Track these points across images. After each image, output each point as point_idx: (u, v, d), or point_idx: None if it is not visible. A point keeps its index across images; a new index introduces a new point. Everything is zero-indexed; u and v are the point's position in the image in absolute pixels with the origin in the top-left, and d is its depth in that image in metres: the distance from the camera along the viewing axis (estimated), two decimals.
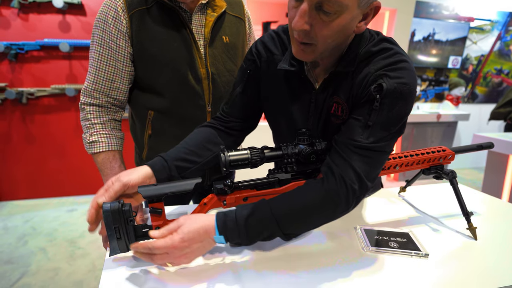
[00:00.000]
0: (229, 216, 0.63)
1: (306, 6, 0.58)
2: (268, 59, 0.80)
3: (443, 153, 0.87)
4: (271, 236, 0.65)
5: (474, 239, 0.80)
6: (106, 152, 0.90)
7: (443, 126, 3.54)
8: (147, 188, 0.64)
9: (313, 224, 0.68)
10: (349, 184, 0.64)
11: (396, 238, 0.77)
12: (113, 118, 0.95)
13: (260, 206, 0.64)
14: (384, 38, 0.70)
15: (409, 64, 0.66)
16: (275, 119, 0.86)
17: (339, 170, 0.65)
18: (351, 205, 0.67)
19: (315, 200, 0.65)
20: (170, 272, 0.64)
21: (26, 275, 1.91)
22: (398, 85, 0.63)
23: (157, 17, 0.90)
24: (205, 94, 0.98)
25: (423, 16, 3.68)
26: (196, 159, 0.78)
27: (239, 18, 1.05)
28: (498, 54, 4.11)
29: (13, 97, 2.60)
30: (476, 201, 1.05)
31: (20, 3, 2.50)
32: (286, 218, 0.64)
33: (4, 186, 2.85)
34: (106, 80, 0.91)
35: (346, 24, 0.61)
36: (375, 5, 0.63)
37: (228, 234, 0.62)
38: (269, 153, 0.69)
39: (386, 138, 0.66)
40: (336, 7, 0.57)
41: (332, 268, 0.66)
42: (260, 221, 0.62)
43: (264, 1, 2.67)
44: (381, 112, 0.64)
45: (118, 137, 0.94)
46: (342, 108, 0.71)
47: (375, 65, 0.67)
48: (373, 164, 0.67)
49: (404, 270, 0.67)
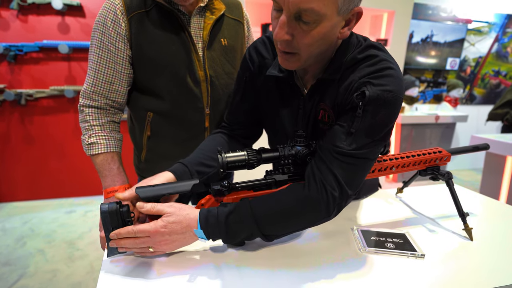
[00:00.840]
0: (211, 212, 0.65)
1: (285, 17, 0.59)
2: (260, 63, 0.81)
3: (439, 154, 0.87)
4: (251, 236, 0.66)
5: (470, 239, 0.80)
6: (104, 154, 0.91)
7: (441, 128, 3.56)
8: (144, 189, 0.64)
9: (293, 228, 0.68)
10: (329, 191, 0.64)
11: (393, 239, 0.77)
12: (112, 120, 0.95)
13: (241, 205, 0.65)
14: (371, 45, 0.70)
15: (395, 71, 0.65)
16: (268, 122, 0.88)
17: (320, 176, 0.65)
18: (332, 212, 0.66)
19: (296, 204, 0.65)
20: (168, 275, 0.64)
21: (24, 276, 1.90)
22: (382, 92, 0.62)
23: (156, 20, 0.91)
24: (204, 97, 0.99)
25: (421, 18, 3.70)
26: (214, 163, 0.81)
27: (237, 21, 1.06)
28: (496, 55, 4.13)
29: (12, 98, 2.60)
30: (473, 203, 1.05)
31: (20, 5, 2.50)
32: (266, 219, 0.64)
33: (3, 187, 2.84)
34: (105, 82, 0.91)
35: (327, 32, 0.61)
36: (357, 10, 0.63)
37: (209, 229, 0.64)
38: (266, 155, 0.70)
39: (369, 145, 0.65)
40: (314, 16, 0.58)
41: (329, 269, 0.67)
42: (240, 220, 0.64)
43: (262, 2, 2.68)
44: (364, 119, 0.63)
45: (116, 139, 0.94)
46: (328, 115, 0.72)
47: (359, 72, 0.66)
48: (355, 171, 0.66)
49: (400, 270, 0.67)
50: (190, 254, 0.71)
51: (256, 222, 0.64)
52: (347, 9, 0.61)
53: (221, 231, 0.64)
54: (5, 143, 2.75)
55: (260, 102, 0.85)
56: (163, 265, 0.66)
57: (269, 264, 0.67)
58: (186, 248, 0.72)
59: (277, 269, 0.66)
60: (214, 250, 0.72)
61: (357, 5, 0.62)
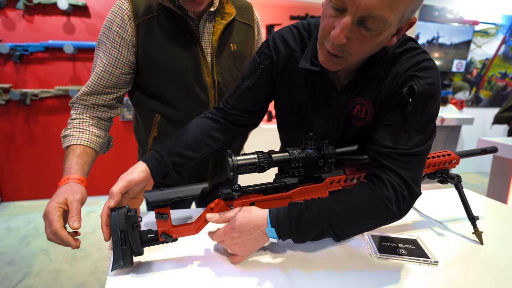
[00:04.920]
0: (281, 211, 0.64)
1: (349, 20, 0.54)
2: (287, 55, 0.76)
3: (448, 157, 0.86)
4: (322, 235, 0.65)
5: (480, 243, 0.79)
6: (74, 146, 0.80)
7: (446, 130, 3.53)
8: (153, 193, 0.63)
9: (364, 227, 0.68)
10: (399, 191, 0.64)
11: (404, 244, 0.76)
12: (97, 116, 0.89)
13: (312, 204, 0.65)
14: (408, 38, 0.70)
15: (433, 63, 0.67)
16: (287, 117, 0.83)
17: (388, 177, 0.65)
18: (403, 211, 0.67)
19: (368, 203, 0.65)
20: (176, 279, 0.63)
21: (28, 276, 1.90)
22: (428, 86, 0.64)
23: (164, 26, 0.89)
24: (211, 103, 0.97)
25: (427, 19, 3.67)
26: (193, 154, 0.77)
27: (248, 25, 1.02)
28: (503, 57, 4.09)
29: (17, 98, 2.61)
30: (480, 206, 1.04)
31: (26, 5, 2.51)
32: (338, 218, 0.64)
33: (7, 186, 2.85)
34: (105, 87, 0.88)
35: (383, 40, 0.59)
36: (411, 20, 0.61)
37: (280, 228, 0.63)
38: (277, 157, 0.69)
39: (424, 140, 0.66)
40: (380, 25, 0.54)
41: (340, 275, 0.65)
42: (312, 218, 0.63)
43: (268, 3, 2.67)
44: (415, 115, 0.64)
45: (93, 134, 0.85)
46: (366, 110, 0.71)
47: (402, 65, 0.67)
48: (417, 169, 0.67)
49: (411, 275, 0.66)
50: (192, 259, 0.70)
51: (329, 221, 0.63)
52: (407, 18, 0.58)
53: (293, 230, 0.63)
54: (10, 142, 2.76)
55: (282, 96, 0.80)
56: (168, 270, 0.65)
57: (282, 267, 0.66)
58: (185, 254, 0.71)
59: (287, 274, 0.65)
60: (221, 255, 0.71)
61: (415, 14, 0.60)
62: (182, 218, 0.88)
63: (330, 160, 0.71)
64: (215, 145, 0.80)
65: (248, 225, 0.63)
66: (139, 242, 0.63)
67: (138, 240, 0.63)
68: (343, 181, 0.74)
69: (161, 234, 0.64)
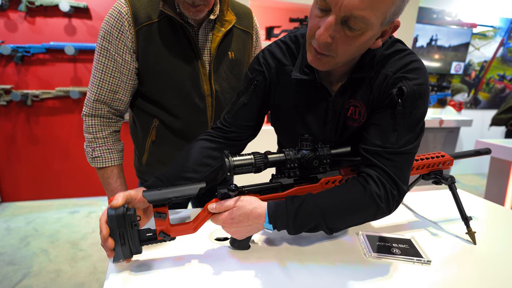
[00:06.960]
0: (279, 205, 0.68)
1: (333, 19, 0.58)
2: (278, 69, 0.79)
3: (442, 158, 0.87)
4: (315, 228, 0.69)
5: (473, 243, 0.81)
6: (106, 168, 0.94)
7: (445, 132, 3.54)
8: (151, 192, 0.65)
9: (355, 221, 0.71)
10: (389, 189, 0.68)
11: (398, 244, 0.77)
12: (114, 130, 0.95)
13: (308, 198, 0.68)
14: (396, 40, 0.73)
15: (421, 63, 0.70)
16: (290, 127, 0.84)
17: (378, 175, 0.69)
18: (392, 208, 0.71)
19: (359, 199, 0.68)
20: (174, 277, 0.64)
21: (28, 276, 1.91)
22: (417, 87, 0.67)
23: (163, 33, 0.89)
24: (208, 111, 0.98)
25: (425, 22, 3.69)
26: (194, 175, 0.78)
27: (246, 32, 1.03)
28: (501, 60, 4.11)
29: (18, 99, 2.63)
30: (476, 207, 1.05)
31: (28, 7, 2.53)
32: (331, 212, 0.68)
33: (8, 187, 2.87)
34: (109, 91, 0.90)
35: (367, 41, 0.61)
36: (395, 24, 0.63)
37: (277, 221, 0.67)
38: (273, 158, 0.70)
39: (412, 139, 0.69)
40: (362, 24, 0.57)
41: (334, 273, 0.67)
42: (308, 212, 0.67)
43: (267, 6, 2.69)
44: (404, 115, 0.67)
45: (118, 151, 0.96)
46: (359, 111, 0.73)
47: (391, 66, 0.70)
48: (405, 167, 0.71)
49: (405, 275, 0.67)
50: (190, 257, 0.71)
51: (323, 215, 0.67)
52: (390, 20, 0.61)
53: (289, 223, 0.67)
54: (11, 143, 2.78)
55: (280, 108, 0.82)
56: (167, 268, 0.67)
57: (278, 259, 0.68)
58: (183, 252, 0.72)
59: (287, 264, 0.66)
60: (219, 253, 0.72)
61: (398, 17, 0.62)
62: (180, 218, 0.89)
63: (325, 161, 0.72)
64: (215, 163, 0.82)
65: (247, 216, 0.67)
66: (137, 241, 0.64)
67: (136, 239, 0.64)
68: (338, 182, 0.75)
69: (160, 233, 0.66)
